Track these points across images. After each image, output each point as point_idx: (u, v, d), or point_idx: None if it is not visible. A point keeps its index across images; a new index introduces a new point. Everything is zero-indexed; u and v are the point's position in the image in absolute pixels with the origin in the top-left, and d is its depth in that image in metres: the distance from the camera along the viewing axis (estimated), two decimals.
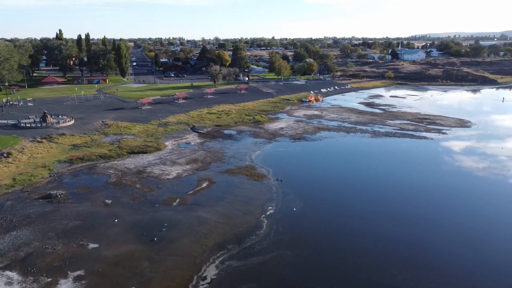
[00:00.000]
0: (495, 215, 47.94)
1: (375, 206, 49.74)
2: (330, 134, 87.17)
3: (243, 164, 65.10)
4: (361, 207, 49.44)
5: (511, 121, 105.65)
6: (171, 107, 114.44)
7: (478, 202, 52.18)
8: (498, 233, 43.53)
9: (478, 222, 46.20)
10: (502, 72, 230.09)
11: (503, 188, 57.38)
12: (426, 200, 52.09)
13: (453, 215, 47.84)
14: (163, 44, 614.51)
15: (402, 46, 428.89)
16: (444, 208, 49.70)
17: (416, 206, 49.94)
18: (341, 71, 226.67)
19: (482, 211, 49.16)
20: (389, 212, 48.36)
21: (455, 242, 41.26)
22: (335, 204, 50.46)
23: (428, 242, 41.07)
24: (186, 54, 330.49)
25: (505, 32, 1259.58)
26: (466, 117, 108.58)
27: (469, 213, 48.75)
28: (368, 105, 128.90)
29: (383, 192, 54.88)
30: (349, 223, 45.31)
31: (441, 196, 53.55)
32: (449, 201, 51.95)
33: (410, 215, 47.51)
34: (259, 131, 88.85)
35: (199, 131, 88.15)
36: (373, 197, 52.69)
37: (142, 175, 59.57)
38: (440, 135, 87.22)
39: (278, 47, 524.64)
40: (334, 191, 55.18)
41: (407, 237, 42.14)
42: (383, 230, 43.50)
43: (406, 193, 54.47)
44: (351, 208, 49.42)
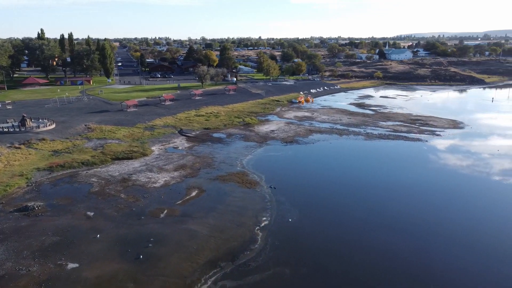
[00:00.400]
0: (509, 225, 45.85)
1: (375, 215, 47.21)
2: (322, 137, 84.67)
3: (234, 170, 62.05)
4: (360, 216, 46.86)
5: (502, 121, 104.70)
6: (158, 109, 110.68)
7: (485, 208, 50.13)
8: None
9: (492, 234, 44.01)
10: (489, 71, 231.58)
11: (506, 192, 55.55)
12: (428, 207, 49.79)
13: (463, 226, 45.54)
14: (149, 44, 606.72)
15: (389, 46, 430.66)
16: (452, 217, 47.42)
17: (419, 215, 47.57)
18: (329, 71, 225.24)
19: (492, 218, 47.07)
20: (391, 221, 45.87)
21: (466, 257, 38.93)
22: (333, 214, 47.78)
23: (437, 256, 38.61)
24: (172, 54, 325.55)
25: (488, 32, 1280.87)
26: (458, 117, 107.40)
27: (482, 224, 46.53)
28: (359, 106, 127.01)
29: (382, 199, 52.42)
30: (349, 234, 42.65)
31: (445, 203, 51.32)
32: (456, 210, 49.74)
33: (413, 225, 45.06)
34: (249, 134, 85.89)
35: (187, 135, 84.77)
36: (372, 205, 50.19)
37: (127, 183, 56.07)
38: (434, 137, 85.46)
39: (265, 47, 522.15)
40: (331, 198, 52.52)
41: (413, 250, 39.62)
42: (386, 242, 40.93)
43: (406, 201, 52.11)
44: (349, 217, 46.79)
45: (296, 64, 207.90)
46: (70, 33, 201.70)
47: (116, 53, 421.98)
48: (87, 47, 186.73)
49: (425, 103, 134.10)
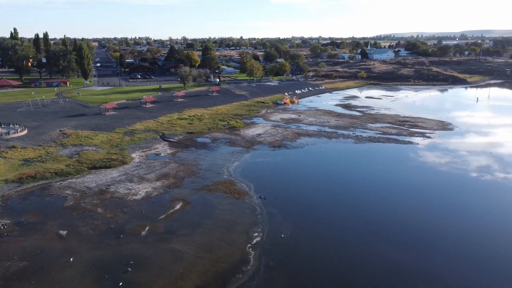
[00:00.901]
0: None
1: (373, 227, 44.18)
2: (311, 141, 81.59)
3: (220, 179, 58.23)
4: (357, 229, 43.74)
5: (489, 121, 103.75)
6: (138, 113, 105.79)
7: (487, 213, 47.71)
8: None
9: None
10: (470, 71, 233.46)
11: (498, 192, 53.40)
12: (429, 217, 47.04)
13: (471, 240, 42.88)
14: (128, 44, 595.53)
15: (370, 46, 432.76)
16: (456, 229, 44.74)
17: (420, 226, 44.74)
18: (313, 71, 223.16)
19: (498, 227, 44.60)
20: (391, 234, 42.90)
21: (470, 270, 36.18)
22: (329, 227, 44.50)
23: (441, 270, 35.73)
24: (153, 54, 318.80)
25: (465, 32, 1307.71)
26: (446, 118, 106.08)
27: (493, 237, 43.96)
28: (345, 107, 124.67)
29: (379, 209, 49.45)
30: (348, 251, 39.43)
31: (446, 213, 48.68)
32: (456, 218, 47.13)
33: (416, 238, 42.14)
34: (235, 139, 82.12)
35: (169, 140, 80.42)
36: (369, 215, 47.16)
37: (105, 196, 51.62)
38: (425, 140, 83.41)
39: (248, 47, 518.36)
40: (325, 209, 49.26)
41: (419, 268, 36.63)
42: (388, 258, 37.89)
43: (405, 210, 49.24)
44: (346, 230, 43.61)
45: (279, 64, 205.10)
46: (45, 32, 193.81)
47: (95, 53, 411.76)
48: (63, 47, 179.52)
49: (411, 104, 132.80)
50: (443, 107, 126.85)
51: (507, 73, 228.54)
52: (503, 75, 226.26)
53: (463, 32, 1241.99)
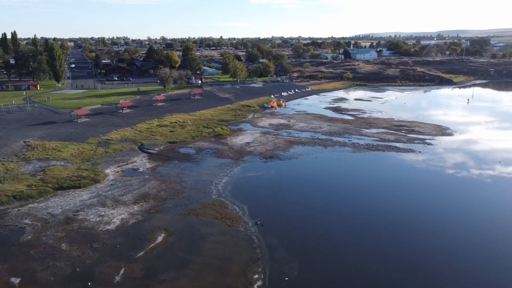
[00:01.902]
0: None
1: (395, 263, 37.41)
2: (305, 150, 74.71)
3: (208, 200, 50.64)
4: (375, 267, 36.83)
5: (487, 126, 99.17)
6: (114, 119, 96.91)
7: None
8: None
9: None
10: (454, 71, 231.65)
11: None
12: (452, 246, 40.66)
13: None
14: (106, 44, 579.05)
15: (353, 46, 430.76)
16: (479, 259, 38.44)
17: (447, 259, 38.26)
18: (297, 72, 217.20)
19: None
20: (421, 277, 36.21)
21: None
22: (343, 265, 37.37)
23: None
24: (131, 54, 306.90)
25: (441, 31, 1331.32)
26: (442, 122, 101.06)
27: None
28: (335, 110, 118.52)
29: (397, 236, 42.79)
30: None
31: (468, 236, 42.43)
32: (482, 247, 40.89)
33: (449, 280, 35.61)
34: (222, 149, 74.52)
35: (149, 151, 72.17)
36: (386, 246, 40.39)
37: (72, 225, 43.35)
38: (427, 147, 77.65)
39: (228, 47, 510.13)
40: (334, 238, 42.28)
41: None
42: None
43: (426, 238, 42.73)
44: (362, 268, 36.63)
45: (263, 65, 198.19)
46: (13, 32, 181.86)
47: (70, 54, 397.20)
48: (33, 47, 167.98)
49: (402, 106, 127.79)
50: (436, 110, 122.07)
51: (490, 73, 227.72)
52: (486, 75, 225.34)
53: (439, 32, 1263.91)
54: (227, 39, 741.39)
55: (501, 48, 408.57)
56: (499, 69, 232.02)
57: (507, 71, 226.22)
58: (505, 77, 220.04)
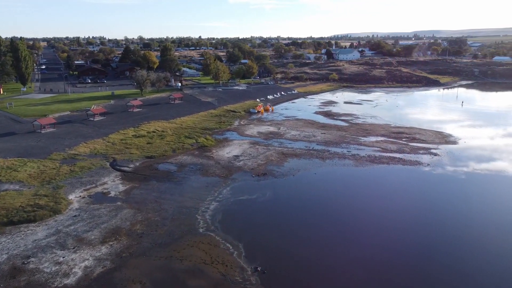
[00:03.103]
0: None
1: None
2: (301, 164, 66.27)
3: (195, 236, 41.48)
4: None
5: (490, 133, 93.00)
6: (84, 129, 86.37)
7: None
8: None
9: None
10: (438, 71, 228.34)
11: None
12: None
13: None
14: (80, 43, 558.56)
15: (335, 46, 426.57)
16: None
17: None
18: (281, 73, 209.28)
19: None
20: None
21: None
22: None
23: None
24: (106, 55, 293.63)
25: (417, 32, 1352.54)
26: (442, 128, 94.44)
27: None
28: (327, 115, 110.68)
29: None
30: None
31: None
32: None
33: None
34: (207, 164, 65.30)
35: (122, 169, 62.29)
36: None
37: (19, 280, 33.55)
38: (434, 158, 70.36)
39: (208, 47, 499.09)
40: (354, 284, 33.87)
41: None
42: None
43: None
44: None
45: (246, 66, 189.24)
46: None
47: (41, 54, 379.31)
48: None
49: (395, 110, 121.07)
50: (431, 114, 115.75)
51: (475, 73, 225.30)
52: (471, 76, 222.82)
53: (416, 32, 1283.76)
54: (206, 39, 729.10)
55: (478, 48, 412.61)
56: (483, 69, 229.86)
57: (491, 72, 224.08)
58: (489, 77, 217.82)
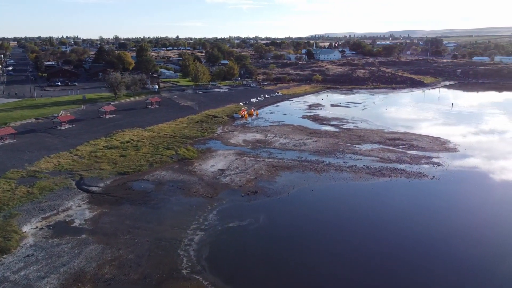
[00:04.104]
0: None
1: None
2: (295, 178, 59.22)
3: (176, 281, 33.76)
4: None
5: (489, 138, 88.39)
6: (49, 139, 77.07)
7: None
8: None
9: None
10: (421, 72, 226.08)
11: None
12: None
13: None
14: (53, 43, 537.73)
15: (313, 46, 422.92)
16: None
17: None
18: (263, 74, 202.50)
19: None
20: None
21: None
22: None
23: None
24: (79, 55, 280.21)
25: (393, 32, 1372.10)
26: (438, 134, 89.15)
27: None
28: (315, 120, 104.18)
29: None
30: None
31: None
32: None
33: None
34: (189, 181, 57.48)
35: (91, 189, 53.76)
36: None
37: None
38: (437, 169, 64.52)
39: (186, 47, 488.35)
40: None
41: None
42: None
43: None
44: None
45: (227, 67, 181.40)
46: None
47: (10, 55, 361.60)
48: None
49: (385, 113, 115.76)
50: (422, 117, 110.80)
51: (457, 74, 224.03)
52: (453, 76, 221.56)
53: (391, 32, 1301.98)
54: (184, 39, 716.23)
55: (455, 48, 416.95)
56: (465, 70, 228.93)
57: (473, 72, 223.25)
58: (471, 78, 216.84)
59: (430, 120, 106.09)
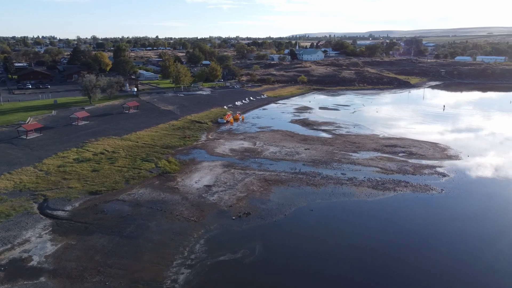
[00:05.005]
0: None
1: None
2: (291, 195, 52.77)
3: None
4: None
5: (490, 143, 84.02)
6: (12, 151, 68.57)
7: None
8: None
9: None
10: (405, 72, 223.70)
11: None
12: None
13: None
14: (27, 44, 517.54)
15: (293, 46, 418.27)
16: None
17: None
18: (246, 75, 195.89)
19: None
20: None
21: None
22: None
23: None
24: (53, 56, 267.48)
25: (372, 32, 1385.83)
26: (436, 138, 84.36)
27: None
28: (305, 124, 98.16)
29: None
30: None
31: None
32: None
33: None
34: (171, 200, 50.34)
35: (55, 214, 46.02)
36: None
37: None
38: (444, 180, 59.16)
39: (166, 47, 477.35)
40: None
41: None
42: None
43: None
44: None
45: (209, 68, 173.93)
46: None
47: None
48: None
49: (377, 116, 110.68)
50: (415, 120, 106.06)
51: (441, 74, 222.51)
52: (438, 76, 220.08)
53: (371, 33, 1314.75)
54: (164, 39, 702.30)
55: (434, 48, 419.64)
56: (449, 69, 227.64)
57: (457, 72, 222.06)
58: (456, 78, 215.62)
59: (424, 123, 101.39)
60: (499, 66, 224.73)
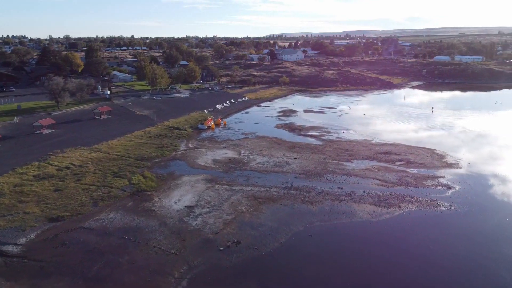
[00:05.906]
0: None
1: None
2: (285, 216, 46.31)
3: None
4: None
5: (489, 148, 79.90)
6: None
7: None
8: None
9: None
10: (386, 72, 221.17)
11: None
12: None
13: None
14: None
15: (271, 46, 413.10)
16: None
17: None
18: (226, 76, 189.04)
19: None
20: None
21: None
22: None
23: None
24: (21, 56, 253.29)
25: (348, 32, 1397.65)
26: (431, 144, 79.63)
27: None
28: (291, 129, 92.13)
29: None
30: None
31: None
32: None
33: None
34: (147, 227, 43.09)
35: (5, 250, 38.07)
36: None
37: None
38: (450, 193, 53.93)
39: (142, 47, 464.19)
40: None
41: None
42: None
43: None
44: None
45: (187, 68, 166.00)
46: None
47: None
48: None
49: (364, 119, 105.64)
50: (405, 124, 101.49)
51: (423, 73, 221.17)
52: (419, 76, 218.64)
53: (347, 32, 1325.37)
54: (139, 39, 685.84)
55: (411, 47, 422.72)
56: (430, 69, 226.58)
57: (438, 72, 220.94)
58: (437, 78, 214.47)
59: (415, 127, 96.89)
60: (478, 66, 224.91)
